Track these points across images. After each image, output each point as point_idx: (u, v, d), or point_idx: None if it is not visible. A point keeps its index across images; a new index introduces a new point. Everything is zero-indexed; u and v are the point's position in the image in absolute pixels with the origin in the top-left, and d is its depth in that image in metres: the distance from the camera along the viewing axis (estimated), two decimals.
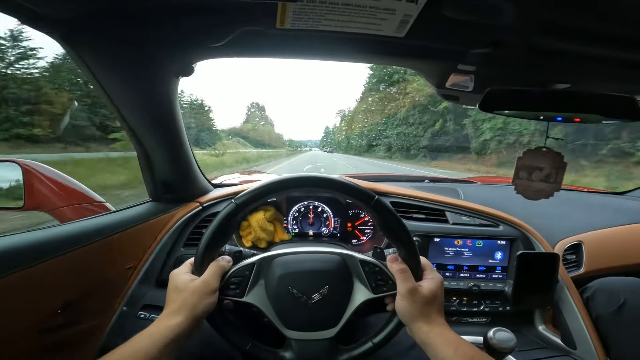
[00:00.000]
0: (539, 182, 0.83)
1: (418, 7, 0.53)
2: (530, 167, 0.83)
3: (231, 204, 0.64)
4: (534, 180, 0.84)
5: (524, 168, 0.83)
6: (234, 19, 0.60)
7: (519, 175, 0.84)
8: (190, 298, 0.61)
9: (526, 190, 0.84)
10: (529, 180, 0.84)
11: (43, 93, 16.58)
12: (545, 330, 1.12)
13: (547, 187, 0.83)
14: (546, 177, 0.83)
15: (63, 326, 0.78)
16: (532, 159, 0.83)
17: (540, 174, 0.83)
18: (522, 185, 0.84)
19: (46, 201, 1.01)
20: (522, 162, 0.83)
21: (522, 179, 0.84)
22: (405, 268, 0.65)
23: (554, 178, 0.83)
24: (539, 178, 0.83)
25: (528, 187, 0.84)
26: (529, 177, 0.84)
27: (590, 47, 0.61)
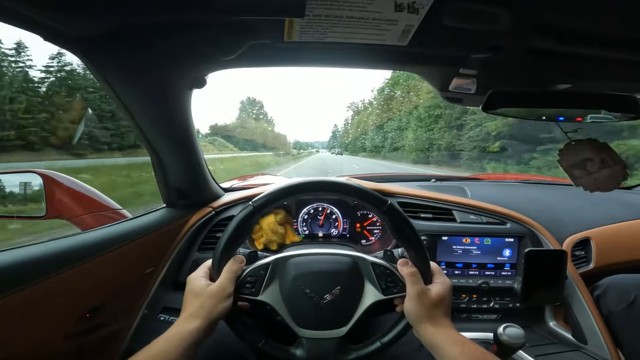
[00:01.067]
0: (601, 170, 0.77)
1: (419, 17, 0.56)
2: (578, 162, 0.78)
3: (249, 207, 0.67)
4: (594, 172, 0.77)
5: (574, 167, 0.78)
6: (244, 34, 0.62)
7: (576, 175, 0.78)
8: (207, 302, 0.63)
9: (596, 183, 0.77)
10: (589, 174, 0.77)
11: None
12: (556, 326, 1.12)
13: (614, 170, 0.77)
14: (603, 163, 0.77)
15: (88, 330, 0.81)
16: (573, 156, 0.78)
17: (595, 163, 0.77)
18: (589, 182, 0.77)
19: (66, 209, 1.05)
20: (565, 162, 0.78)
21: (582, 176, 0.78)
22: (415, 271, 0.67)
23: (610, 160, 0.77)
24: (597, 167, 0.77)
25: (596, 180, 0.77)
26: (587, 171, 0.78)
27: (590, 48, 0.62)
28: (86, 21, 0.55)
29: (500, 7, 0.53)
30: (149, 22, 0.59)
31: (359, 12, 0.54)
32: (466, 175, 2.01)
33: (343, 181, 0.69)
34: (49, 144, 16.15)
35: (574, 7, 0.53)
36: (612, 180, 0.77)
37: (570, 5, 0.53)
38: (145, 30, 0.60)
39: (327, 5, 0.53)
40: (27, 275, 0.71)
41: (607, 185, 0.77)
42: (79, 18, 0.53)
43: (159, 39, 0.63)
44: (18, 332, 0.69)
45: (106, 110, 19.77)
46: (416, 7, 0.53)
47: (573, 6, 0.53)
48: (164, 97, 0.78)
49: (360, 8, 0.53)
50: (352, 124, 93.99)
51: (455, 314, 1.16)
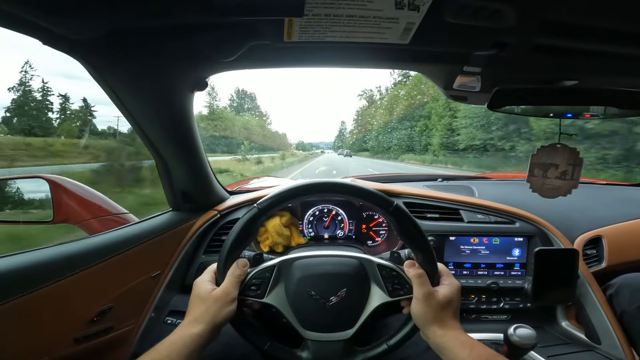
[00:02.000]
0: (555, 180, 0.81)
1: (420, 14, 0.55)
2: (545, 164, 0.81)
3: (254, 209, 0.67)
4: (549, 178, 0.81)
5: (538, 165, 0.81)
6: (243, 35, 0.62)
7: (534, 173, 0.81)
8: (211, 307, 0.64)
9: (542, 188, 0.82)
10: (544, 177, 0.81)
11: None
12: (568, 326, 1.10)
13: (564, 185, 0.81)
14: (562, 174, 0.80)
15: (97, 333, 0.82)
16: (547, 156, 0.80)
17: (556, 171, 0.80)
18: (537, 183, 0.82)
19: (74, 214, 1.06)
20: (537, 159, 0.81)
21: (537, 176, 0.81)
22: (422, 273, 0.66)
23: (570, 175, 0.80)
24: (555, 175, 0.80)
25: (543, 184, 0.81)
26: (544, 174, 0.81)
27: (597, 44, 0.61)
28: (85, 24, 0.55)
29: (503, 3, 0.52)
30: (148, 26, 0.59)
31: (359, 10, 0.54)
32: (473, 174, 1.99)
33: (348, 182, 0.69)
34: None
35: (580, 1, 0.52)
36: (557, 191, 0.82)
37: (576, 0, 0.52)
38: (145, 33, 0.60)
39: (327, 4, 0.52)
40: (36, 279, 0.72)
41: (549, 193, 0.82)
42: (78, 21, 0.53)
43: (159, 42, 0.63)
44: (27, 335, 0.70)
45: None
46: (417, 4, 0.52)
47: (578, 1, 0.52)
48: (165, 100, 0.78)
49: (360, 6, 0.53)
50: (362, 115, 77.24)
51: (464, 314, 1.15)
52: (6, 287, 0.68)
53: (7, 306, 0.67)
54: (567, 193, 0.81)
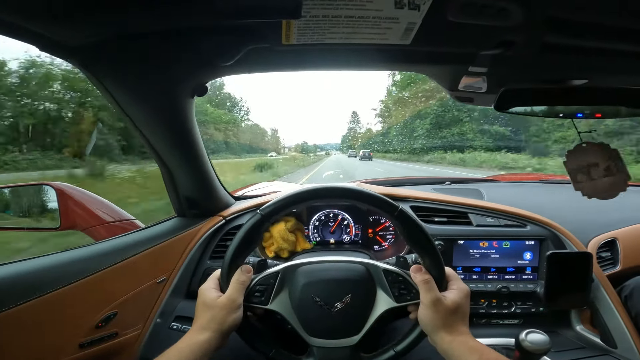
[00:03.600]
0: (602, 179, 0.75)
1: (421, 14, 0.54)
2: (583, 166, 0.76)
3: (257, 215, 0.67)
4: (597, 178, 0.76)
5: (578, 170, 0.77)
6: (242, 38, 0.62)
7: (578, 179, 0.76)
8: (217, 314, 0.63)
9: (596, 190, 0.76)
10: (591, 179, 0.76)
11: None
12: (583, 330, 1.07)
13: (616, 180, 0.75)
14: (607, 170, 0.75)
15: (102, 339, 0.82)
16: (581, 159, 0.76)
17: (599, 169, 0.75)
18: (589, 188, 0.76)
19: (80, 221, 1.07)
20: (571, 164, 0.77)
21: (584, 181, 0.76)
22: (429, 278, 0.65)
23: (616, 168, 0.75)
24: (600, 174, 0.75)
25: (596, 187, 0.76)
26: (589, 176, 0.76)
27: (606, 42, 0.59)
28: (84, 31, 0.55)
29: (509, 1, 0.51)
30: (147, 31, 0.59)
31: (358, 10, 0.53)
32: (482, 177, 1.97)
33: (352, 187, 0.68)
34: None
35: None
36: (614, 188, 0.75)
37: None
38: (143, 39, 0.60)
39: (325, 5, 0.51)
40: (42, 285, 0.73)
41: (608, 193, 0.75)
42: (75, 28, 0.54)
43: (157, 48, 0.63)
44: (33, 340, 0.71)
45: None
46: (417, 3, 0.51)
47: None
48: (166, 106, 0.78)
49: (359, 7, 0.52)
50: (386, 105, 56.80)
51: (473, 319, 1.12)
52: (13, 293, 0.69)
53: (13, 311, 0.67)
54: (624, 187, 0.75)
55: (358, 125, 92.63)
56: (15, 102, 10.15)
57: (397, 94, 44.68)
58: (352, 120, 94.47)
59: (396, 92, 44.93)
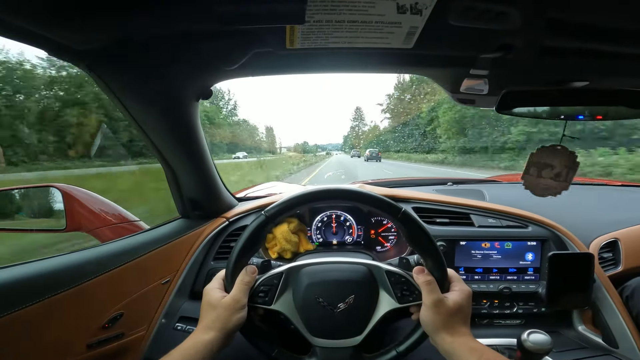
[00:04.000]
0: (547, 180, 0.83)
1: (423, 18, 0.55)
2: (541, 164, 0.82)
3: (261, 216, 0.68)
4: (543, 177, 0.83)
5: (534, 165, 0.83)
6: (246, 43, 0.63)
7: (529, 172, 0.84)
8: (222, 314, 0.64)
9: (534, 186, 0.84)
10: (538, 177, 0.83)
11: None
12: (585, 330, 1.08)
13: (556, 185, 0.83)
14: (556, 176, 0.82)
15: (108, 340, 0.83)
16: (545, 157, 0.82)
17: (551, 171, 0.82)
18: (530, 182, 0.84)
19: (86, 222, 1.08)
20: (534, 158, 0.83)
21: (532, 175, 0.84)
22: (432, 280, 0.65)
23: (563, 177, 0.82)
24: (549, 176, 0.83)
25: (536, 183, 0.84)
26: (538, 174, 0.83)
27: (605, 44, 0.60)
28: (89, 35, 0.56)
29: (508, 5, 0.52)
30: (153, 35, 0.60)
31: (361, 15, 0.54)
32: (483, 178, 1.97)
33: (355, 189, 0.68)
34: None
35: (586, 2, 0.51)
36: (549, 191, 0.84)
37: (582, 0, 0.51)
38: (149, 43, 0.61)
39: (328, 10, 0.52)
40: (49, 287, 0.73)
41: (541, 192, 0.85)
42: (82, 32, 0.54)
43: (163, 52, 0.64)
44: (41, 341, 0.72)
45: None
46: (419, 8, 0.52)
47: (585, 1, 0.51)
48: (171, 109, 0.79)
49: (361, 12, 0.53)
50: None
51: (475, 319, 1.13)
52: (20, 295, 0.69)
53: (22, 312, 0.68)
54: (557, 194, 0.84)
55: (362, 122, 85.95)
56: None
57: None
58: (356, 117, 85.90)
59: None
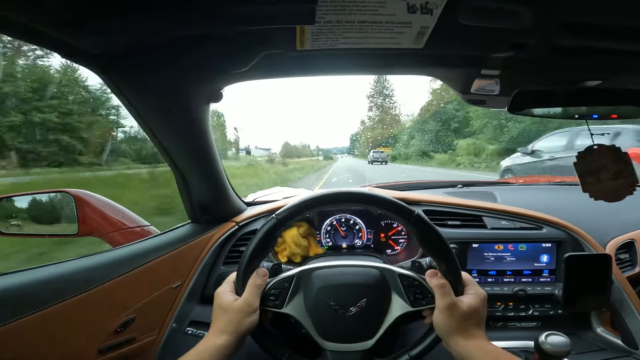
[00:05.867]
0: (611, 181, 0.76)
1: (433, 18, 0.54)
2: (594, 169, 0.77)
3: (273, 219, 0.68)
4: (605, 181, 0.77)
5: (587, 173, 0.77)
6: (255, 45, 0.63)
7: (587, 182, 0.77)
8: (234, 317, 0.64)
9: (603, 193, 0.77)
10: (599, 182, 0.77)
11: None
12: (603, 331, 1.05)
13: (623, 184, 0.76)
14: (616, 174, 0.76)
15: (120, 344, 0.84)
16: (591, 160, 0.77)
17: (608, 172, 0.76)
18: (597, 191, 0.77)
19: (97, 227, 1.08)
20: (582, 167, 0.77)
21: (592, 184, 0.77)
22: (445, 283, 0.65)
23: (625, 172, 0.76)
24: (609, 177, 0.76)
25: (603, 189, 0.77)
26: (597, 179, 0.77)
27: (618, 42, 0.59)
28: (103, 39, 0.56)
29: (519, 4, 0.51)
30: (163, 39, 0.60)
31: (371, 15, 0.53)
32: (494, 180, 1.95)
33: (367, 192, 0.68)
34: None
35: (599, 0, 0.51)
36: (620, 192, 0.77)
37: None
38: (160, 47, 0.62)
39: (338, 11, 0.52)
40: (62, 291, 0.74)
41: (614, 196, 0.77)
42: (94, 35, 0.55)
43: (173, 56, 0.64)
44: (53, 346, 0.72)
45: None
46: (430, 7, 0.52)
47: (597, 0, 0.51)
48: (182, 113, 0.79)
49: (371, 12, 0.53)
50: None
51: (490, 322, 1.10)
52: (32, 299, 0.70)
53: (33, 318, 0.69)
54: (631, 190, 0.76)
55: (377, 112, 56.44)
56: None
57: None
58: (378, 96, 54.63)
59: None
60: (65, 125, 9.72)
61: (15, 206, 1.13)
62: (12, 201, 1.13)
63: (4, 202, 1.09)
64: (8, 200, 1.11)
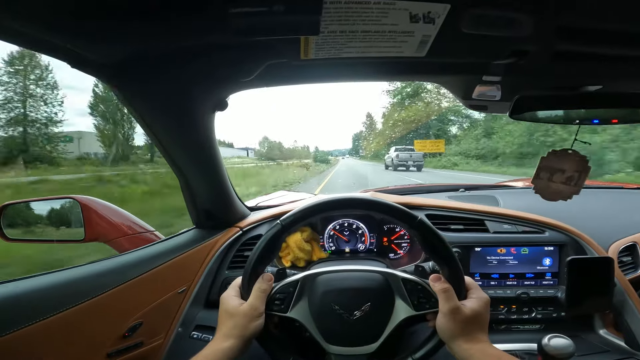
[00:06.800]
0: (558, 184, 0.82)
1: (436, 27, 0.55)
2: (552, 168, 0.82)
3: (277, 225, 0.68)
4: (554, 182, 0.82)
5: (546, 169, 0.82)
6: (261, 55, 0.64)
7: (540, 176, 0.83)
8: (240, 321, 0.65)
9: (545, 190, 0.84)
10: (549, 180, 0.83)
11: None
12: (606, 333, 1.06)
13: (566, 190, 0.82)
14: (567, 180, 0.81)
15: (128, 349, 0.85)
16: (556, 161, 0.81)
17: (562, 176, 0.81)
18: (541, 186, 0.84)
19: (103, 233, 1.10)
20: (545, 162, 0.82)
21: (542, 179, 0.83)
22: (448, 287, 0.65)
23: (575, 181, 0.81)
24: (560, 180, 0.82)
25: (547, 187, 0.83)
26: (549, 177, 0.83)
27: (618, 48, 0.60)
28: (107, 48, 0.57)
29: (520, 12, 0.52)
30: (169, 48, 0.61)
31: (374, 25, 0.54)
32: (496, 183, 1.95)
33: (370, 198, 0.69)
34: None
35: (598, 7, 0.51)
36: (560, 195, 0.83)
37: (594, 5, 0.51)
38: (165, 56, 0.63)
39: (342, 21, 0.53)
40: (71, 297, 0.75)
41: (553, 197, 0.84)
42: (101, 45, 0.56)
43: (179, 64, 0.65)
44: (63, 351, 0.73)
45: None
46: (432, 17, 0.53)
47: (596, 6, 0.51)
48: (187, 121, 0.80)
49: (374, 22, 0.53)
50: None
51: (493, 325, 1.11)
52: (43, 306, 0.71)
53: (44, 323, 0.70)
54: (568, 198, 0.83)
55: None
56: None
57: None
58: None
59: None
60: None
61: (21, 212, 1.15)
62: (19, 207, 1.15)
63: (10, 208, 1.10)
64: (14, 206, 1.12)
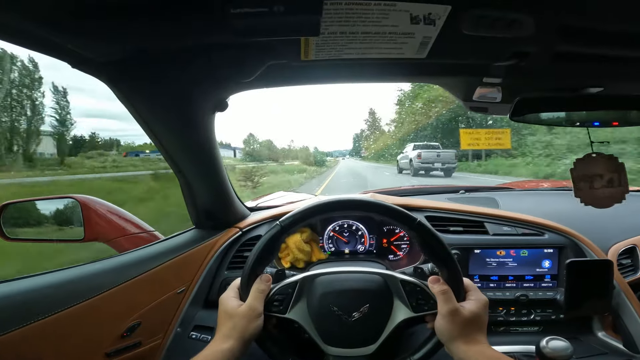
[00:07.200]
0: (604, 189, 0.79)
1: (436, 28, 0.55)
2: (587, 175, 0.79)
3: (276, 226, 0.68)
4: (597, 188, 0.79)
5: (581, 178, 0.79)
6: (261, 56, 0.64)
7: (580, 187, 0.79)
8: (239, 323, 0.65)
9: (594, 199, 0.79)
10: (592, 189, 0.79)
11: None
12: (605, 336, 1.06)
13: (615, 192, 0.79)
14: (609, 182, 0.78)
15: (126, 348, 0.85)
16: (587, 168, 0.79)
17: (602, 180, 0.78)
18: (587, 196, 0.79)
19: (103, 232, 1.09)
20: (577, 172, 0.79)
21: (584, 189, 0.79)
22: (447, 289, 0.65)
23: (617, 181, 0.78)
24: (602, 185, 0.79)
25: (595, 196, 0.79)
26: (591, 186, 0.79)
27: (619, 49, 0.60)
28: (107, 47, 0.57)
29: (520, 13, 0.52)
30: (170, 48, 0.61)
31: (375, 27, 0.54)
32: (496, 185, 1.94)
33: (370, 199, 0.69)
34: None
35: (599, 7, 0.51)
36: (612, 200, 0.79)
37: (595, 6, 0.51)
38: (166, 56, 0.62)
39: (342, 22, 0.53)
40: (71, 297, 0.75)
41: (604, 203, 0.80)
42: (100, 44, 0.56)
43: (179, 65, 0.65)
44: (61, 350, 0.73)
45: None
46: (432, 18, 0.53)
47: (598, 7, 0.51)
48: (188, 121, 0.80)
49: (375, 23, 0.53)
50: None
51: (491, 327, 1.10)
52: (41, 305, 0.71)
53: (42, 323, 0.70)
54: (620, 200, 0.79)
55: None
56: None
57: None
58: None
59: None
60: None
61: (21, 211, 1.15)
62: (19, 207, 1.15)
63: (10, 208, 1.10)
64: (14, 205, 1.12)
